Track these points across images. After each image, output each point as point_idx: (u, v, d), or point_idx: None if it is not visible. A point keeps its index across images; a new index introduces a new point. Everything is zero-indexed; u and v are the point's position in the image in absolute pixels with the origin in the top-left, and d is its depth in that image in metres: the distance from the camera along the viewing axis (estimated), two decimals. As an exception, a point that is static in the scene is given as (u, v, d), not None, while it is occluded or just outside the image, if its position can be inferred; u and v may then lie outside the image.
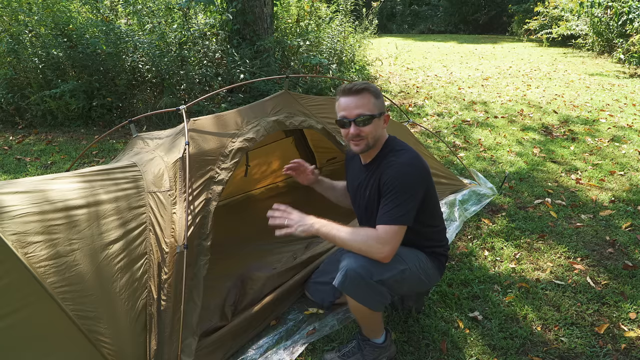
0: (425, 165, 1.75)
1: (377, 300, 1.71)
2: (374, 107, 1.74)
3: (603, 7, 8.99)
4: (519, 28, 14.91)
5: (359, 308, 1.73)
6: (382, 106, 1.79)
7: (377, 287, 1.67)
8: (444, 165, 3.57)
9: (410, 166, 1.69)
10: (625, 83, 7.45)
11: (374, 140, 1.76)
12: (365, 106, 1.72)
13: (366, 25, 8.05)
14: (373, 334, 1.86)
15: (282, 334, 2.07)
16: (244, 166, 3.32)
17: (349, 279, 1.65)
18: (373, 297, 1.69)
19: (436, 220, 1.90)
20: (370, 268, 1.65)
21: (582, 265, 2.54)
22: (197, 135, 2.06)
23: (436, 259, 1.89)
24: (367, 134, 1.73)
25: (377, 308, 1.73)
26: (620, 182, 3.61)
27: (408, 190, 1.66)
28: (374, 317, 1.80)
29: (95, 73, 5.40)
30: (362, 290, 1.67)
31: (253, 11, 5.74)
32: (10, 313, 1.43)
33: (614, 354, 1.93)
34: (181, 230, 1.80)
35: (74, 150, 4.67)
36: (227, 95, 5.65)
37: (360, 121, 1.71)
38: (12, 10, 5.60)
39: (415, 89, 7.24)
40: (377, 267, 1.66)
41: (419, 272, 1.80)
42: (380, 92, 1.81)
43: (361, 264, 1.65)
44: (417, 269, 1.80)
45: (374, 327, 1.85)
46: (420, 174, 1.72)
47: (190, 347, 1.73)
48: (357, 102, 1.72)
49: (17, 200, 1.58)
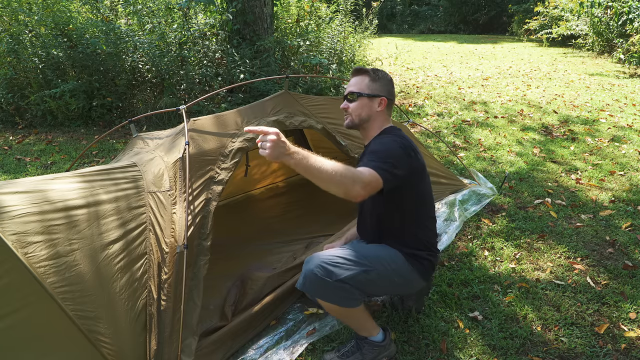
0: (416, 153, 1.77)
1: (343, 297, 1.70)
2: (366, 87, 1.85)
3: (603, 7, 8.99)
4: (519, 28, 14.91)
5: (330, 307, 1.75)
6: (379, 90, 1.87)
7: (338, 285, 1.66)
8: (444, 165, 3.57)
9: (397, 142, 1.73)
10: (625, 83, 7.45)
11: (358, 119, 1.86)
12: (357, 85, 1.87)
13: (366, 25, 8.05)
14: (367, 332, 1.86)
15: (282, 334, 2.07)
16: (244, 166, 3.32)
17: (308, 280, 1.69)
18: (337, 295, 1.69)
19: (422, 216, 1.88)
20: (328, 268, 1.66)
21: (582, 265, 2.54)
22: (197, 135, 2.07)
23: (417, 263, 1.83)
24: (351, 111, 1.86)
25: (346, 305, 1.72)
26: (620, 182, 3.61)
27: (389, 157, 1.66)
28: (352, 314, 1.78)
29: (95, 73, 5.40)
30: (322, 290, 1.69)
31: (253, 11, 5.74)
32: (10, 313, 1.43)
33: (614, 354, 1.93)
34: (181, 230, 1.80)
35: (74, 150, 4.67)
36: (227, 95, 5.65)
37: (349, 98, 1.87)
38: (12, 10, 5.59)
39: (415, 89, 7.24)
40: (336, 267, 1.67)
41: (389, 273, 1.77)
42: (385, 78, 1.90)
43: (319, 264, 1.67)
44: (386, 270, 1.76)
45: (361, 325, 1.85)
46: (406, 154, 1.72)
47: (190, 347, 1.73)
48: (354, 81, 1.89)
49: (17, 200, 1.58)
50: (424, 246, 1.87)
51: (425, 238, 1.89)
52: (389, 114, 1.93)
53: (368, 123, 1.87)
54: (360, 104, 1.85)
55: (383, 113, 1.88)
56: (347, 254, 1.74)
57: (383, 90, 1.87)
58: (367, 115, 1.86)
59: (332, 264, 1.68)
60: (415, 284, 1.89)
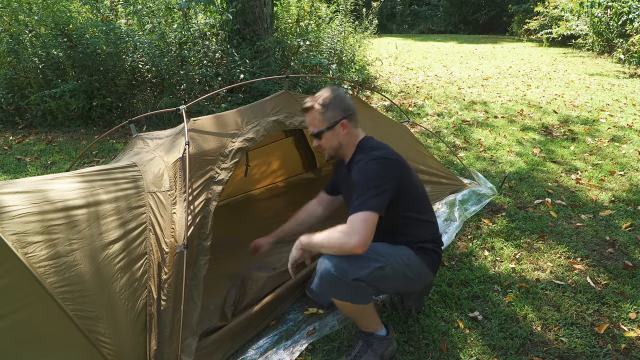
0: (394, 159, 1.79)
1: (358, 295, 1.72)
2: (321, 122, 1.86)
3: (603, 7, 8.99)
4: (519, 28, 14.91)
5: (343, 304, 1.76)
6: (334, 116, 1.85)
7: (354, 283, 1.68)
8: (444, 165, 3.57)
9: (374, 161, 1.75)
10: (625, 83, 7.45)
11: (333, 150, 1.91)
12: (312, 123, 1.89)
13: (366, 25, 8.05)
14: (373, 328, 1.87)
15: (282, 334, 2.07)
16: (244, 166, 3.33)
17: (325, 281, 1.69)
18: (353, 293, 1.71)
19: (422, 213, 1.90)
20: (344, 267, 1.67)
21: (582, 265, 2.54)
22: (197, 135, 2.07)
23: (426, 255, 1.87)
24: (324, 146, 1.91)
25: (360, 302, 1.74)
26: (620, 182, 3.61)
27: (371, 182, 1.69)
28: (363, 310, 1.80)
29: (95, 73, 5.40)
30: (339, 289, 1.70)
31: (253, 11, 5.74)
32: (10, 313, 1.43)
33: (614, 354, 1.93)
34: (181, 230, 1.80)
35: (74, 150, 4.67)
36: (227, 95, 5.65)
37: (314, 136, 1.90)
38: (12, 10, 5.60)
39: (415, 89, 7.24)
40: (352, 266, 1.67)
41: (402, 268, 1.79)
42: (333, 101, 1.86)
43: (335, 264, 1.67)
44: (399, 265, 1.78)
45: (369, 322, 1.86)
46: (386, 168, 1.75)
47: (190, 347, 1.73)
48: (308, 120, 1.90)
49: (17, 200, 1.58)
50: (430, 239, 1.91)
51: (430, 231, 1.92)
52: (356, 126, 1.93)
53: (342, 148, 1.91)
54: (326, 139, 1.88)
55: (349, 132, 1.89)
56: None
57: (337, 114, 1.86)
58: (338, 143, 1.89)
59: (347, 262, 1.68)
60: (425, 278, 1.91)
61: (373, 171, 1.73)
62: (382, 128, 3.05)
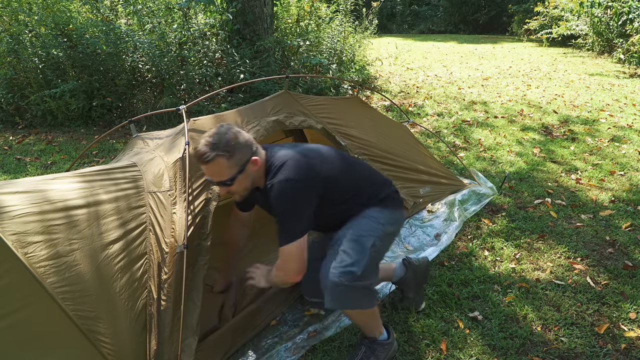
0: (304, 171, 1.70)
1: (368, 296, 1.73)
2: (229, 169, 1.67)
3: (603, 7, 8.99)
4: (519, 28, 14.90)
5: (353, 313, 1.77)
6: (242, 157, 1.69)
7: (363, 283, 1.68)
8: (444, 165, 3.57)
9: (286, 182, 1.66)
10: (625, 83, 7.45)
11: (245, 190, 1.79)
12: (220, 173, 1.68)
13: (366, 25, 8.05)
14: (377, 331, 1.87)
15: (282, 334, 2.07)
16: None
17: (336, 294, 1.67)
18: (364, 296, 1.71)
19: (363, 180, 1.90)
20: (347, 268, 1.67)
21: (582, 265, 2.54)
22: (197, 135, 2.06)
23: (388, 201, 1.89)
24: (235, 191, 1.77)
25: (369, 306, 1.76)
26: (620, 182, 3.61)
27: (291, 210, 1.68)
28: (372, 313, 1.81)
29: (95, 73, 5.40)
30: (352, 296, 1.69)
31: (253, 11, 5.74)
32: (10, 313, 1.42)
33: (614, 354, 1.93)
34: (181, 230, 1.80)
35: (74, 150, 4.67)
36: (227, 95, 5.65)
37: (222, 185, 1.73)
38: (12, 10, 5.60)
39: (415, 89, 7.24)
40: (352, 263, 1.68)
41: (382, 228, 1.81)
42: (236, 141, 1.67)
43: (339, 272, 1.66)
44: (381, 228, 1.81)
45: (375, 325, 1.86)
46: (297, 186, 1.67)
47: (190, 347, 1.73)
48: (212, 170, 1.68)
49: (17, 200, 1.58)
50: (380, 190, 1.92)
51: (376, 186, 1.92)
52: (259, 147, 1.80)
53: (256, 179, 1.80)
54: (239, 182, 1.73)
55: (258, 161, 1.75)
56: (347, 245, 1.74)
57: (245, 153, 1.70)
58: (250, 182, 1.78)
59: (348, 264, 1.68)
60: (401, 219, 1.95)
61: (286, 195, 1.66)
62: (382, 128, 3.05)
